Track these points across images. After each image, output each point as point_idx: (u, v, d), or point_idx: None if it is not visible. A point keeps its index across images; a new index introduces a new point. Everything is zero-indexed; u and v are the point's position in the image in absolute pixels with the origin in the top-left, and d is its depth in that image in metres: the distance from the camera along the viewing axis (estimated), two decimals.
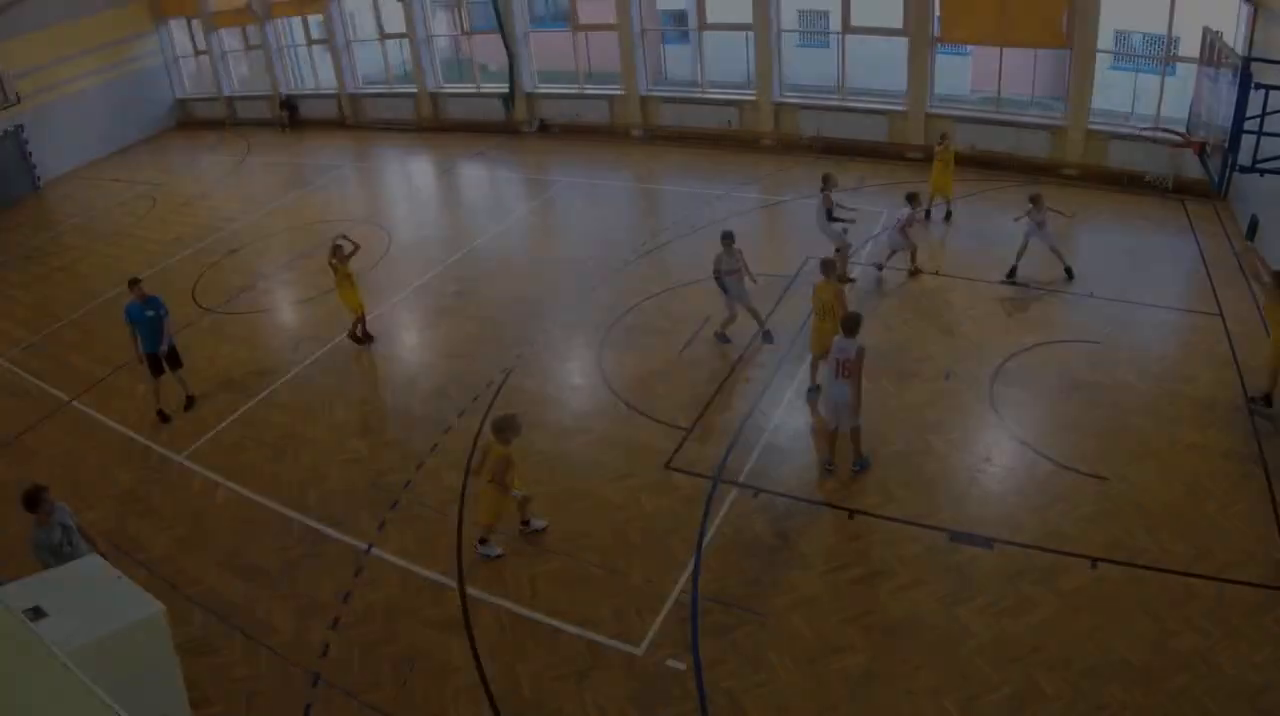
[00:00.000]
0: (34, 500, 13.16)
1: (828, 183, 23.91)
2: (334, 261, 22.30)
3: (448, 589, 15.09)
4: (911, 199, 24.16)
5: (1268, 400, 17.82)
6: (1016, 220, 23.57)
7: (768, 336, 21.52)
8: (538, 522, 16.07)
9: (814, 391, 19.34)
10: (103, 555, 13.22)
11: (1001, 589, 14.02)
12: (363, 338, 23.17)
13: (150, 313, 20.20)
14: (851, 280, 24.15)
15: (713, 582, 14.67)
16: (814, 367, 19.39)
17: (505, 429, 14.69)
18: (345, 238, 22.60)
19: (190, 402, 21.17)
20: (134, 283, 20.43)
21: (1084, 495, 15.83)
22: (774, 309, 22.19)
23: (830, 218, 23.77)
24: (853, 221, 23.90)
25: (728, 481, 16.98)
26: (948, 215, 27.87)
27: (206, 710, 13.14)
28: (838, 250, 23.84)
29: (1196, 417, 17.71)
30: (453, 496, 17.06)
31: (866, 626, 13.64)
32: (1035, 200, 23.23)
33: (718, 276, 20.91)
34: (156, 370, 20.58)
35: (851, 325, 16.31)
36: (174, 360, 20.82)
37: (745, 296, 21.20)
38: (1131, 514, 15.29)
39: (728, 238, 21.00)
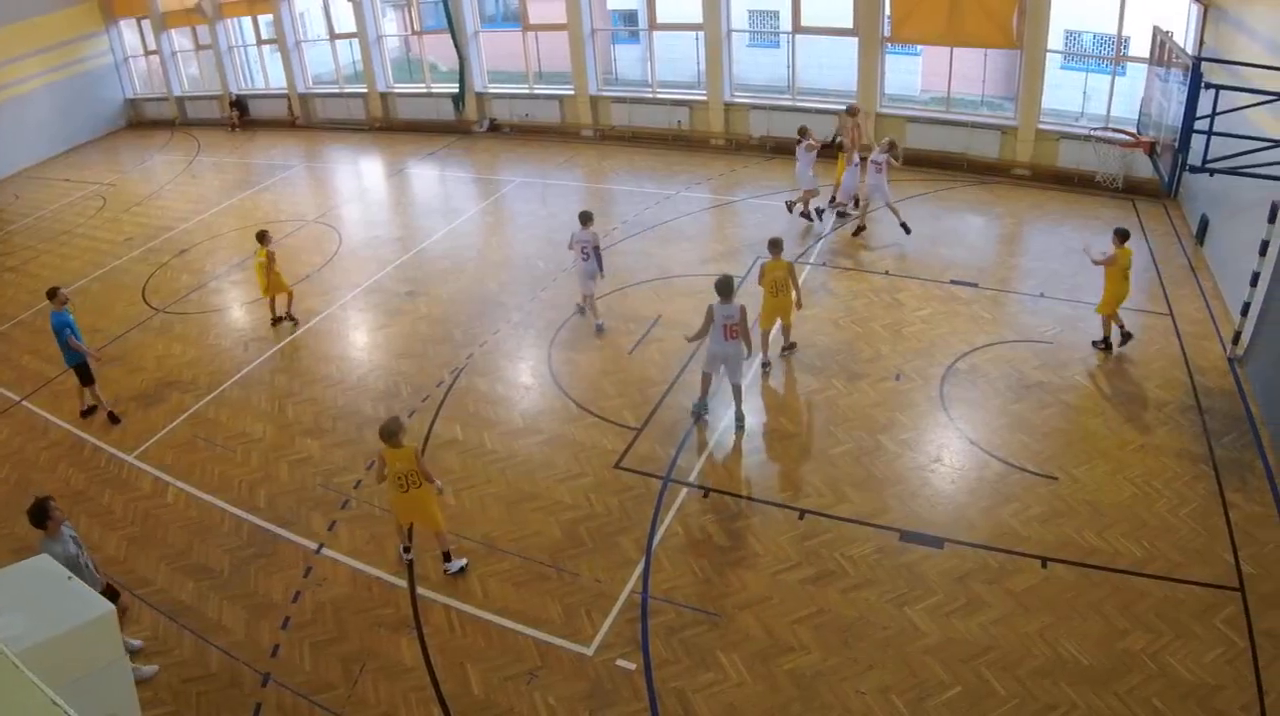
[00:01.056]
0: (43, 511, 12.61)
1: (805, 133, 26.07)
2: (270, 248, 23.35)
3: (398, 588, 14.97)
4: (891, 146, 25.89)
5: (1118, 339, 20.07)
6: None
7: (582, 310, 23.17)
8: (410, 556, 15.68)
9: (767, 365, 20.21)
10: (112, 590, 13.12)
11: (952, 589, 14.01)
12: (276, 318, 24.39)
13: (72, 316, 20.08)
14: (811, 219, 26.51)
15: (663, 582, 14.60)
16: (765, 340, 20.41)
17: (397, 432, 14.38)
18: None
19: (93, 411, 21.05)
20: (54, 292, 20.14)
21: (1035, 495, 15.84)
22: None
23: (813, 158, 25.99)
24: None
25: (678, 481, 16.92)
26: (856, 203, 28.10)
27: (157, 710, 13.04)
28: (802, 198, 26.31)
29: (1147, 418, 17.80)
30: None
31: (817, 626, 13.59)
32: (891, 147, 25.70)
33: (598, 252, 21.96)
34: (91, 376, 20.47)
35: (725, 288, 17.24)
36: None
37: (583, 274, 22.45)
38: (1082, 514, 15.31)
39: (588, 217, 22.05)
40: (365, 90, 43.82)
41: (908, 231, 25.52)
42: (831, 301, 22.80)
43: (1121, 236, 19.41)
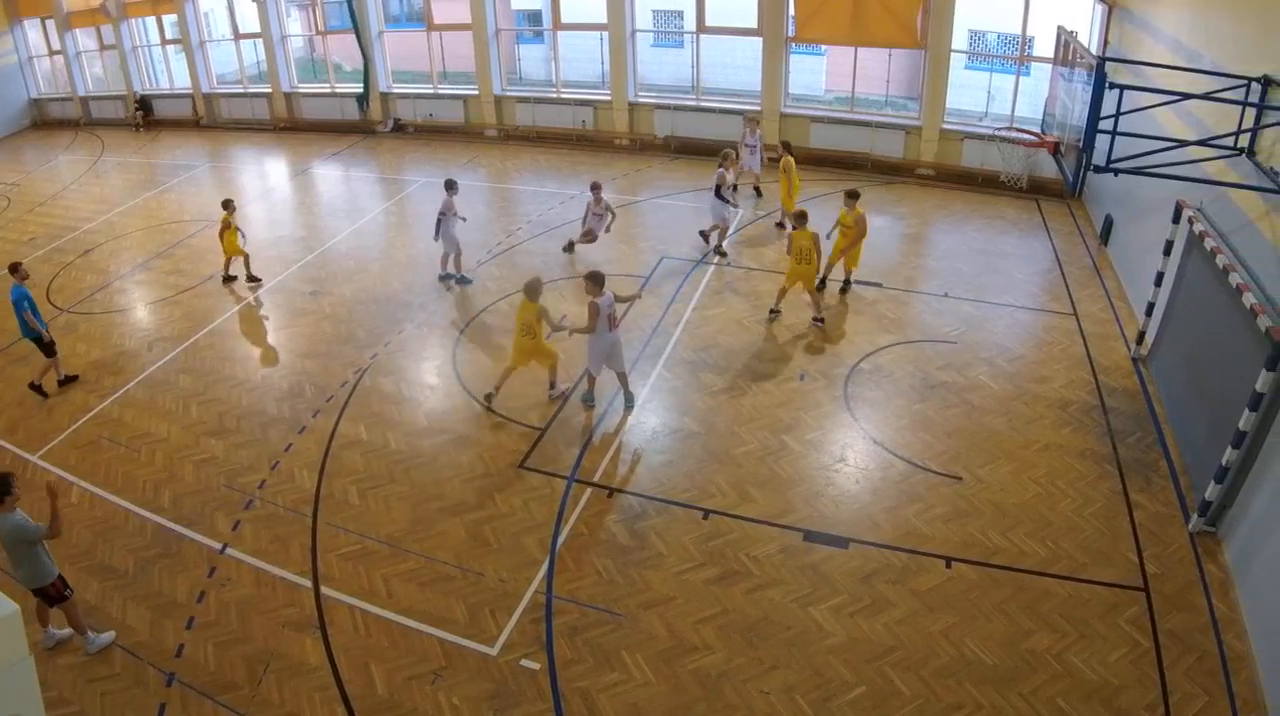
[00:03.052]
0: (4, 486, 12.48)
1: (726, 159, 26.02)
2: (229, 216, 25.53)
3: (302, 588, 14.70)
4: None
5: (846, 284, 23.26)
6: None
7: (464, 280, 25.21)
8: (561, 386, 19.48)
9: (775, 312, 22.25)
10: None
11: (857, 588, 13.95)
12: (250, 279, 26.22)
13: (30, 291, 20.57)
14: (724, 254, 25.76)
15: (567, 582, 14.45)
16: (781, 296, 22.09)
17: (535, 287, 18.09)
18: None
19: (72, 379, 21.47)
20: (16, 267, 20.53)
21: (939, 495, 15.86)
22: (626, 311, 21.99)
23: (718, 195, 25.30)
24: (735, 206, 26.36)
25: (582, 481, 16.78)
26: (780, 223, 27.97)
27: (61, 710, 12.77)
28: (714, 228, 25.88)
29: (1051, 418, 17.89)
30: (307, 496, 16.72)
31: (722, 626, 13.49)
32: (751, 120, 28.30)
33: (441, 219, 24.49)
34: (52, 349, 20.84)
35: (601, 280, 18.07)
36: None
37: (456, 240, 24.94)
38: (986, 514, 15.34)
39: (453, 185, 24.83)
40: (269, 90, 43.46)
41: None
42: (737, 301, 22.80)
43: (852, 196, 22.21)
